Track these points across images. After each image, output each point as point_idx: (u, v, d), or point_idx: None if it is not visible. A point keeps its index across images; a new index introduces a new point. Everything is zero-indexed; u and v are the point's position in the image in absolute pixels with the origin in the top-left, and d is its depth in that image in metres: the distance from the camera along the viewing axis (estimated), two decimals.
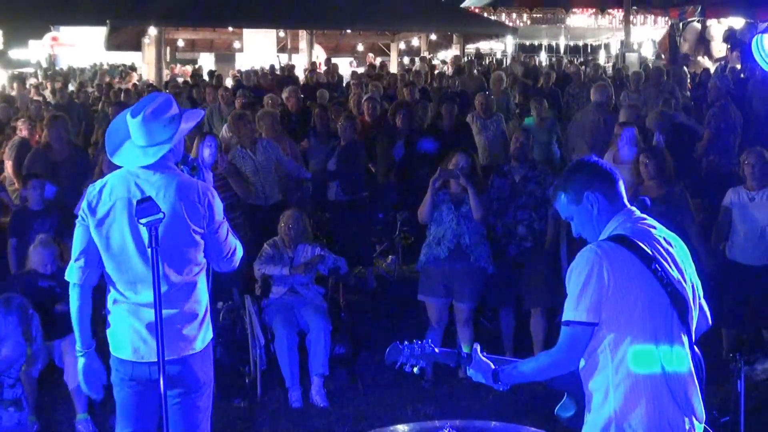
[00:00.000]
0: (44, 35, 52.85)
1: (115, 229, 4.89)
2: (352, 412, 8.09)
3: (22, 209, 10.21)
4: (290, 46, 34.21)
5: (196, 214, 4.91)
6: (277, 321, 8.50)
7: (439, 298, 8.62)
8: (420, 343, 4.53)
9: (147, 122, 4.84)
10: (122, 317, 4.97)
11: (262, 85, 20.60)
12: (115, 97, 20.95)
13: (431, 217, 8.63)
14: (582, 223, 4.19)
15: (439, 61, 33.76)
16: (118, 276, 4.94)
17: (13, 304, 6.86)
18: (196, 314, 5.03)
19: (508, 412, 7.29)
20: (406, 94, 16.10)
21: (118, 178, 4.96)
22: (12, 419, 6.63)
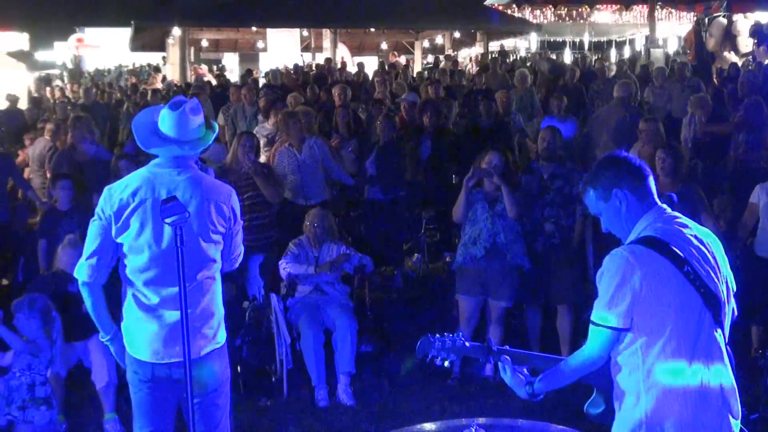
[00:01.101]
0: (69, 37, 53.14)
1: (138, 229, 4.89)
2: (378, 411, 8.08)
3: (51, 209, 10.27)
4: (314, 45, 34.24)
5: (219, 215, 4.94)
6: (302, 320, 8.50)
7: (475, 297, 8.62)
8: (451, 336, 4.51)
9: (187, 116, 4.86)
10: (141, 318, 4.98)
11: (287, 84, 20.59)
12: (142, 98, 21.03)
13: (465, 217, 8.61)
14: (610, 220, 4.17)
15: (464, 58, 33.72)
16: (139, 276, 4.95)
17: (37, 307, 6.89)
18: (214, 313, 5.05)
19: (534, 410, 7.23)
20: (430, 92, 16.06)
21: (141, 178, 4.96)
22: (44, 417, 6.68)
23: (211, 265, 5.00)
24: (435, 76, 21.77)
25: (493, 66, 22.21)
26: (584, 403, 4.42)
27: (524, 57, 33.58)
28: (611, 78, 18.50)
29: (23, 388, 6.73)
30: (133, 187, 4.93)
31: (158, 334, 4.94)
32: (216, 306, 5.07)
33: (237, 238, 5.13)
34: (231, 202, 5.03)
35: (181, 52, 30.36)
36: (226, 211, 4.96)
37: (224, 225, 4.98)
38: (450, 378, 8.59)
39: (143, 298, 4.97)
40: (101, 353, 7.66)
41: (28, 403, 6.68)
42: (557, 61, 27.27)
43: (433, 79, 20.09)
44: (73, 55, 51.65)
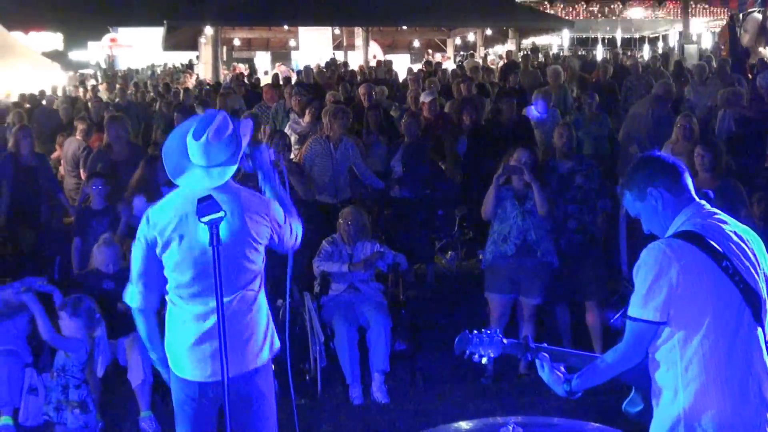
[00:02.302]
0: (103, 37, 53.46)
1: (179, 245, 4.89)
2: (412, 409, 8.08)
3: (85, 209, 10.33)
4: (346, 43, 34.30)
5: (259, 228, 4.92)
6: (336, 318, 8.50)
7: (506, 294, 8.60)
8: (489, 332, 4.50)
9: (210, 144, 4.79)
10: (187, 335, 4.96)
11: (319, 83, 20.62)
12: (174, 98, 21.11)
13: (495, 214, 8.60)
14: (649, 220, 4.15)
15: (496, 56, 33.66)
16: (183, 290, 4.95)
17: (81, 308, 6.91)
18: (259, 325, 5.02)
19: (569, 408, 7.22)
20: (463, 90, 16.04)
21: (179, 196, 4.96)
22: (77, 421, 6.68)
23: (254, 278, 4.98)
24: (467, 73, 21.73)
25: (525, 63, 22.14)
26: (619, 402, 4.41)
27: (556, 54, 33.44)
28: (643, 74, 18.39)
29: (58, 388, 6.76)
30: (172, 205, 4.95)
31: (204, 352, 4.92)
32: (261, 319, 5.04)
33: (287, 235, 5.10)
34: (271, 212, 4.99)
35: (213, 51, 30.48)
36: (266, 223, 4.95)
37: (266, 236, 4.97)
38: (484, 376, 8.58)
39: (188, 315, 4.96)
40: (137, 351, 7.69)
41: (63, 404, 6.71)
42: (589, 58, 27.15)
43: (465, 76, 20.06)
44: (106, 54, 51.96)
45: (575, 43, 36.45)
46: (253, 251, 4.93)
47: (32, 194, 11.13)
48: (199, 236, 4.81)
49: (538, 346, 4.42)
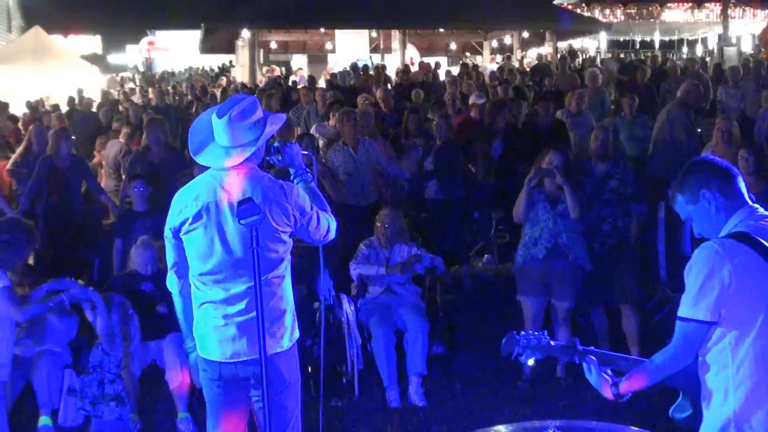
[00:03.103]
0: (141, 40, 53.81)
1: (203, 231, 4.94)
2: (449, 412, 8.06)
3: (126, 210, 10.41)
4: (383, 46, 34.31)
5: (283, 214, 4.93)
6: (373, 320, 8.51)
7: (538, 297, 8.57)
8: (536, 334, 4.49)
9: (233, 123, 4.85)
10: (209, 318, 5.03)
11: (355, 86, 20.67)
12: (212, 100, 21.22)
13: (526, 217, 8.58)
14: (701, 223, 4.11)
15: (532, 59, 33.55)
16: (207, 277, 5.00)
17: (114, 304, 6.98)
18: (282, 312, 5.04)
19: (607, 412, 7.19)
20: (500, 93, 16.02)
21: (203, 182, 5.02)
22: (113, 413, 6.76)
23: (278, 264, 5.00)
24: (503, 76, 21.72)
25: (562, 66, 22.09)
26: (659, 405, 4.39)
27: (593, 57, 33.31)
28: (682, 77, 18.29)
29: (94, 384, 6.82)
30: (195, 192, 5.01)
31: (225, 333, 4.99)
32: (285, 305, 5.07)
33: (313, 225, 5.11)
34: (293, 197, 5.01)
35: (250, 53, 30.60)
36: (289, 209, 4.96)
37: (289, 222, 4.98)
38: (521, 380, 8.56)
39: (210, 299, 5.02)
40: (175, 353, 7.73)
41: (98, 399, 6.77)
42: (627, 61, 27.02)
43: (502, 79, 20.06)
44: (144, 57, 52.30)
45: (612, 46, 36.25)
46: (275, 239, 4.94)
47: (69, 197, 11.19)
48: (221, 225, 4.90)
49: (585, 349, 4.40)
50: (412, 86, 19.94)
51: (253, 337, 4.81)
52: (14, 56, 30.10)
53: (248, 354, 4.93)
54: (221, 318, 4.99)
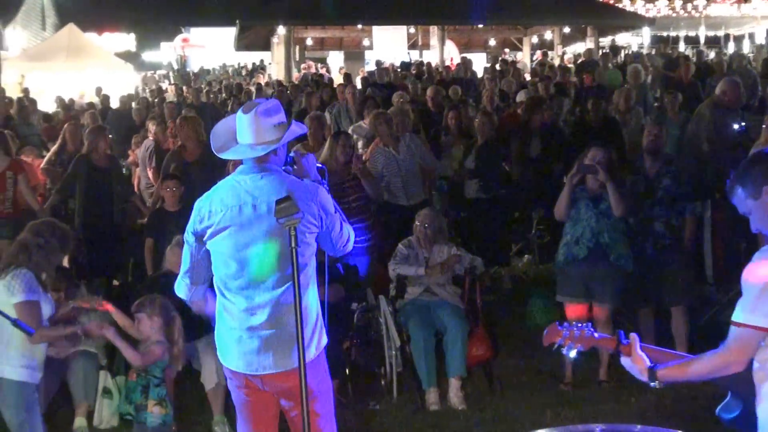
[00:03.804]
0: (175, 37, 54.06)
1: (228, 237, 4.94)
2: (490, 415, 8.04)
3: (159, 210, 10.46)
4: (421, 42, 34.26)
5: (309, 217, 4.92)
6: (412, 322, 8.50)
7: (579, 299, 8.52)
8: (580, 325, 4.46)
9: (257, 119, 4.89)
10: (233, 328, 5.01)
11: (392, 83, 20.66)
12: (246, 97, 21.29)
13: (568, 215, 8.54)
14: (761, 218, 4.02)
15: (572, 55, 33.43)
16: (231, 283, 5.00)
17: (157, 306, 6.99)
18: (307, 320, 4.99)
19: (651, 416, 7.16)
20: (540, 89, 15.97)
21: (227, 187, 5.03)
22: (158, 419, 6.77)
23: (305, 270, 4.96)
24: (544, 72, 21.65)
25: (605, 62, 21.99)
26: (706, 408, 4.34)
27: (636, 52, 33.10)
28: (728, 72, 18.14)
29: (138, 389, 6.84)
30: (218, 196, 5.02)
31: (249, 346, 4.96)
32: (309, 314, 5.01)
33: (336, 229, 5.10)
34: (319, 198, 5.01)
35: (285, 50, 30.67)
36: (315, 210, 4.96)
37: (316, 224, 4.97)
38: (563, 382, 8.52)
39: (234, 307, 5.01)
40: (210, 355, 7.75)
41: (142, 404, 6.79)
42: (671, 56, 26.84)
43: (543, 75, 19.99)
44: (178, 55, 52.55)
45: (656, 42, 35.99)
46: (303, 241, 4.90)
47: (105, 196, 11.25)
48: (246, 230, 4.89)
49: (630, 342, 4.33)
50: (449, 83, 19.91)
51: (278, 350, 4.84)
52: (48, 54, 30.39)
53: (274, 368, 4.91)
54: (245, 330, 4.96)
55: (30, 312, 6.37)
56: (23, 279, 6.43)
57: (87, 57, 30.51)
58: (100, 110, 20.31)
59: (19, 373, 6.44)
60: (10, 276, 6.44)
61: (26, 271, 6.48)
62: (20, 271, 6.47)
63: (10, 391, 6.44)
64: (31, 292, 6.42)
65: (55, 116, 20.14)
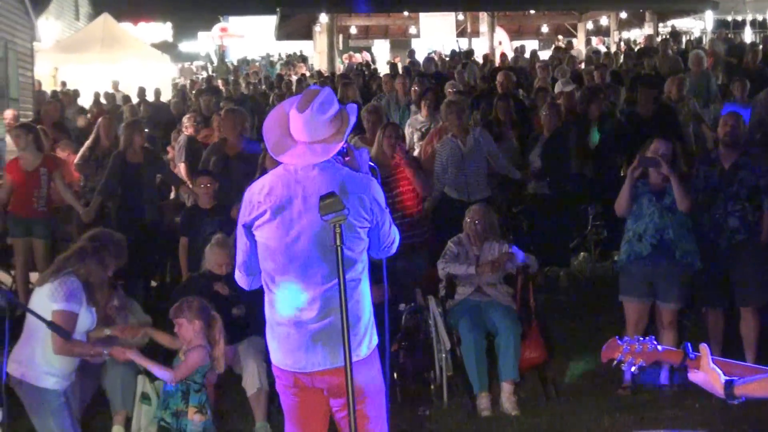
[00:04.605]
0: (213, 26, 54.27)
1: (276, 229, 4.93)
2: (544, 421, 8.02)
3: (192, 207, 10.52)
4: (470, 29, 34.19)
5: (362, 209, 4.91)
6: (463, 323, 8.48)
7: (642, 298, 8.47)
8: (641, 339, 4.40)
9: (315, 117, 4.84)
10: (281, 323, 5.01)
11: (440, 72, 20.64)
12: (287, 89, 21.36)
13: (630, 211, 8.48)
14: None
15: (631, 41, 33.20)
16: (278, 278, 4.99)
17: (195, 309, 7.02)
18: (359, 316, 4.99)
19: (716, 422, 7.11)
20: (596, 78, 15.89)
21: (277, 177, 5.01)
22: (198, 426, 6.81)
23: (355, 264, 4.96)
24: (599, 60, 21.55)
25: (664, 48, 21.82)
26: None
27: (698, 38, 32.80)
28: None
29: (177, 395, 6.87)
30: (268, 187, 4.99)
31: (298, 342, 4.96)
32: (362, 310, 5.02)
33: (385, 228, 5.09)
34: (372, 192, 4.99)
35: (328, 39, 30.73)
36: (367, 203, 4.94)
37: (368, 218, 4.96)
38: (621, 387, 8.47)
39: (282, 303, 5.01)
40: (252, 358, 7.79)
41: (182, 410, 6.83)
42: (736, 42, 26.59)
43: (599, 63, 19.89)
44: (216, 45, 52.76)
45: (719, 26, 35.61)
46: (353, 236, 4.90)
47: (140, 194, 11.32)
48: (296, 222, 4.87)
49: (698, 355, 4.25)
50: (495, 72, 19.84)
51: (328, 346, 4.84)
52: (82, 45, 30.61)
53: (324, 365, 4.90)
54: (293, 325, 4.97)
55: (65, 322, 6.43)
56: (68, 287, 6.49)
57: (122, 48, 30.71)
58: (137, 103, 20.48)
59: (41, 379, 6.51)
60: (58, 281, 6.51)
61: (74, 279, 6.54)
62: (68, 278, 6.53)
63: (31, 395, 6.53)
64: (73, 302, 6.48)
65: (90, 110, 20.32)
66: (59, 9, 33.31)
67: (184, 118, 14.58)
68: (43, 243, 11.18)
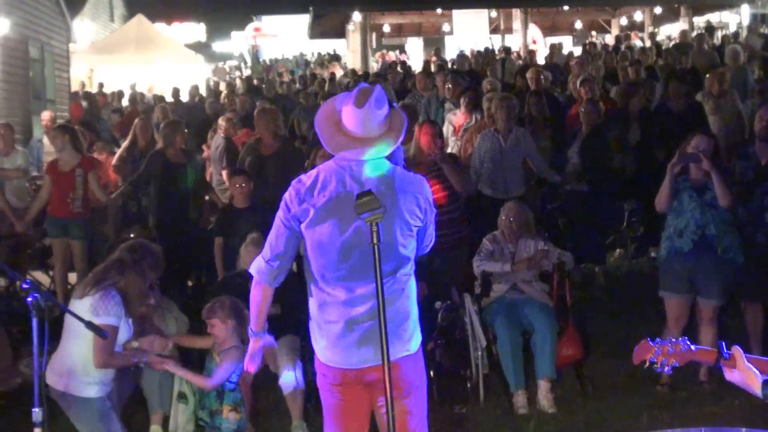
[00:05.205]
0: (246, 26, 54.40)
1: (329, 224, 4.88)
2: (581, 419, 8.01)
3: (228, 207, 10.55)
4: (503, 26, 34.15)
5: (416, 207, 4.92)
6: (499, 321, 8.47)
7: (683, 294, 8.42)
8: (674, 340, 4.38)
9: (373, 113, 4.82)
10: (332, 321, 4.98)
11: (475, 70, 20.61)
12: (319, 88, 21.38)
13: (670, 206, 8.43)
14: None
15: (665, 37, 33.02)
16: (330, 274, 4.95)
17: (227, 308, 7.03)
18: (410, 312, 5.01)
19: (757, 419, 7.04)
20: (631, 74, 15.81)
21: (331, 170, 4.95)
22: (233, 425, 6.83)
23: (408, 261, 4.98)
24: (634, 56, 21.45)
25: (699, 43, 21.69)
26: None
27: (735, 32, 32.58)
28: None
29: (212, 394, 6.89)
30: (321, 181, 4.93)
31: (350, 339, 4.94)
32: (411, 307, 5.04)
33: (430, 229, 5.11)
34: (425, 191, 5.00)
35: (362, 38, 30.80)
36: (421, 203, 4.94)
37: (420, 217, 4.96)
38: (659, 384, 8.44)
39: (333, 299, 4.97)
40: (288, 357, 7.80)
41: (217, 409, 6.85)
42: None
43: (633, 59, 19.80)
44: (250, 45, 52.91)
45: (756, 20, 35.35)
46: (407, 234, 4.91)
47: (179, 193, 11.37)
48: (350, 218, 4.81)
49: (732, 354, 4.23)
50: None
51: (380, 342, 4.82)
52: (117, 46, 30.79)
53: (375, 360, 4.80)
54: (345, 322, 4.94)
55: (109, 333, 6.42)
56: (110, 301, 6.47)
57: (156, 49, 30.86)
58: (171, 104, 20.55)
59: (85, 389, 6.50)
60: (99, 295, 6.51)
61: (114, 293, 6.52)
62: (109, 292, 6.52)
63: (77, 406, 6.54)
64: (114, 316, 6.48)
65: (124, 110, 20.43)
66: (94, 10, 33.50)
67: (219, 119, 14.63)
68: (79, 244, 11.25)
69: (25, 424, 5.40)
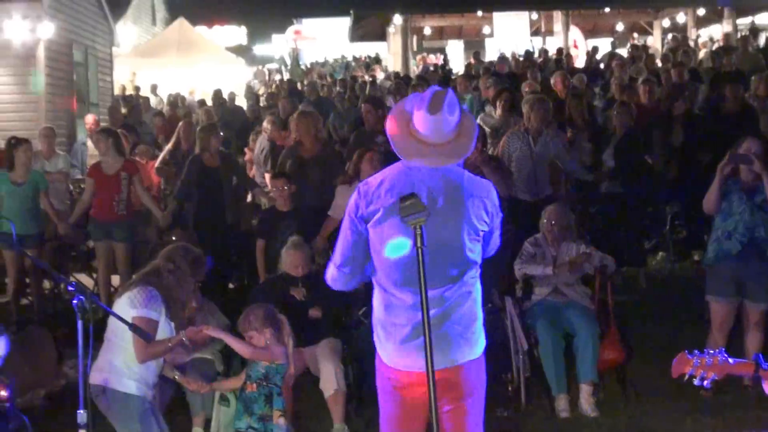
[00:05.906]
0: (287, 29, 54.55)
1: (394, 227, 4.83)
2: (624, 423, 7.99)
3: (270, 210, 10.58)
4: (544, 29, 34.07)
5: (483, 211, 4.90)
6: (540, 324, 8.47)
7: (729, 298, 8.35)
8: (711, 352, 4.36)
9: (446, 119, 4.75)
10: (400, 323, 4.95)
11: (515, 72, 20.59)
12: (361, 91, 21.40)
13: (719, 208, 8.37)
14: None
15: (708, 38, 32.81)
16: (397, 277, 4.92)
17: (261, 318, 6.97)
18: (476, 316, 4.98)
19: None
20: (674, 76, 15.75)
21: (399, 173, 4.92)
22: (283, 429, 6.79)
23: (475, 264, 4.96)
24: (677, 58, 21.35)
25: (744, 45, 21.55)
26: None
27: None
28: None
29: (261, 399, 6.84)
30: (388, 183, 4.91)
31: (417, 343, 4.84)
32: (478, 310, 5.01)
33: (495, 234, 5.10)
34: (492, 196, 4.98)
35: (402, 40, 30.79)
36: (489, 207, 4.93)
37: (487, 221, 4.94)
38: (704, 388, 8.34)
39: (399, 303, 4.95)
40: (329, 360, 7.81)
41: (267, 415, 6.81)
42: None
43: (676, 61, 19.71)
44: (290, 48, 53.03)
45: None
46: (473, 238, 4.89)
47: (217, 196, 11.42)
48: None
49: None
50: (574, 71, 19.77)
51: (449, 345, 4.82)
52: (159, 50, 30.99)
53: (444, 363, 4.79)
54: (411, 326, 4.90)
55: (146, 327, 6.40)
56: (147, 295, 6.47)
57: (198, 52, 31.00)
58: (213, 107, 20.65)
59: (124, 383, 6.47)
60: (138, 289, 6.53)
61: (152, 289, 6.52)
62: (148, 287, 6.55)
63: (116, 401, 6.50)
64: (152, 309, 6.45)
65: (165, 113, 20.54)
66: (136, 14, 33.69)
67: (264, 122, 14.67)
68: (123, 246, 11.33)
69: (69, 426, 5.44)
